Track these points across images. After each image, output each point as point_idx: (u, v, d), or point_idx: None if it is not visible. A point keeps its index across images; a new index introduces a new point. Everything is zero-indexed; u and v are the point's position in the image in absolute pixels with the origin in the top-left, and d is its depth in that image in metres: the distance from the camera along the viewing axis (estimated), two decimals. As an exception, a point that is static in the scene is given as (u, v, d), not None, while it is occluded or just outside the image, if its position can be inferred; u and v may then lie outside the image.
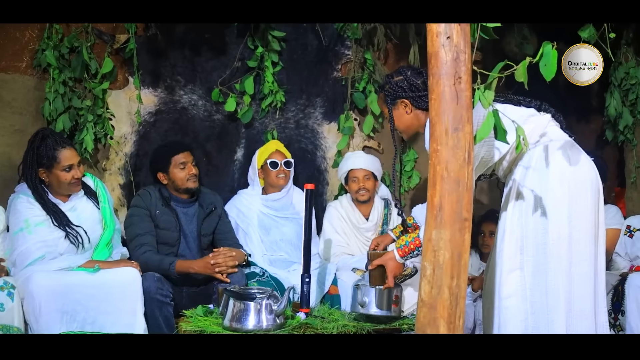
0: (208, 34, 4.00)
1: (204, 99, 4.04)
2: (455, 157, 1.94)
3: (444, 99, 1.94)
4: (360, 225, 3.87)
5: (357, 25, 4.04)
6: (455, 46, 1.94)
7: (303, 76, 4.20)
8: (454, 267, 1.94)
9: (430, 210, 1.97)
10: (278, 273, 3.59)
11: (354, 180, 3.83)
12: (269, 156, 3.86)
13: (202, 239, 3.52)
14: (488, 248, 3.95)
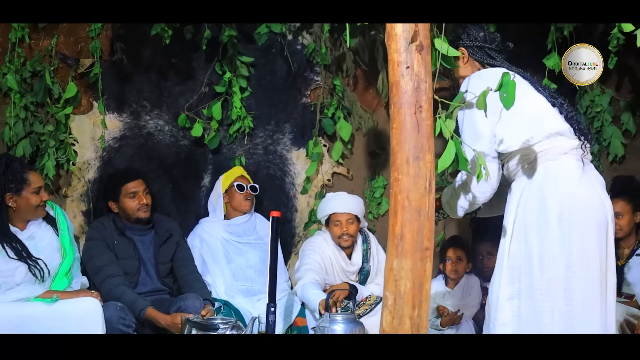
0: (175, 58, 4.01)
1: (170, 124, 4.04)
2: (417, 186, 1.97)
3: (405, 128, 1.97)
4: (347, 268, 3.80)
5: (326, 51, 4.08)
6: (416, 75, 1.98)
7: (272, 102, 4.22)
8: (415, 296, 1.96)
9: (391, 239, 1.99)
10: (243, 302, 3.56)
11: (336, 224, 3.73)
12: (235, 180, 3.87)
13: (160, 267, 3.50)
14: (456, 274, 3.96)
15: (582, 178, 2.38)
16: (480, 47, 2.64)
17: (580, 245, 2.29)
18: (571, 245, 2.29)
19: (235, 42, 4.02)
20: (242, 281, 3.78)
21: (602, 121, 4.12)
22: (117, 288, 3.22)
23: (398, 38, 1.99)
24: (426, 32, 2.00)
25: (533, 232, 2.34)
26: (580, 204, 2.32)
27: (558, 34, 3.62)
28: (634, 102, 4.08)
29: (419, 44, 1.97)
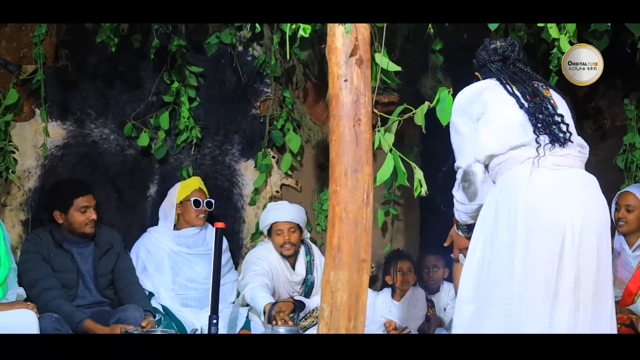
0: (122, 66, 3.97)
1: (116, 133, 3.98)
2: (354, 198, 1.99)
3: (344, 140, 2.00)
4: (291, 279, 3.81)
5: (276, 63, 4.10)
6: (356, 89, 2.01)
7: (221, 112, 4.20)
8: (352, 308, 1.97)
9: (328, 251, 2.01)
10: (187, 314, 3.52)
11: (278, 233, 3.74)
12: (191, 193, 3.82)
13: (100, 280, 3.43)
14: (407, 285, 3.98)
15: (535, 185, 2.38)
16: (484, 65, 2.70)
17: (524, 250, 2.32)
18: (514, 252, 2.32)
19: (184, 51, 4.01)
20: (187, 292, 3.73)
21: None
22: (54, 301, 3.15)
23: (338, 51, 2.02)
24: (366, 46, 2.04)
25: (487, 240, 2.42)
26: (528, 211, 2.34)
27: (502, 52, 3.70)
28: (575, 120, 4.19)
29: (359, 57, 2.01)
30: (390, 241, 4.35)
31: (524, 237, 2.32)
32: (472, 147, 2.49)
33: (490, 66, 2.66)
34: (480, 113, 2.49)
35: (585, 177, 2.45)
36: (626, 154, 3.87)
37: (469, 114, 2.50)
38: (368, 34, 2.05)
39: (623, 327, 3.27)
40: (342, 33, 1.99)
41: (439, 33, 3.99)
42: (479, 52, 2.73)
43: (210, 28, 4.13)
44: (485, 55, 2.69)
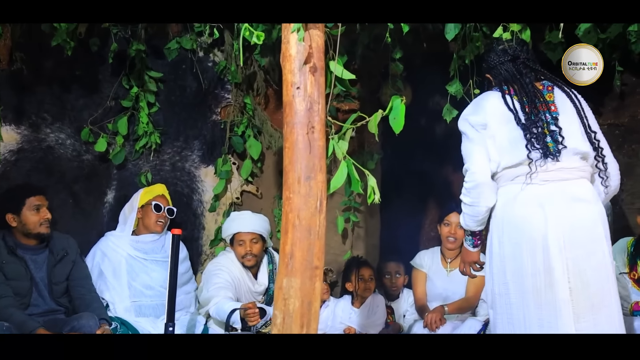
0: (80, 70, 3.91)
1: (72, 138, 3.93)
2: (307, 205, 1.99)
3: (297, 147, 2.00)
4: (254, 289, 3.80)
5: (236, 69, 4.09)
6: (309, 96, 2.02)
7: (181, 118, 4.18)
8: (304, 315, 1.97)
9: (281, 258, 2.00)
10: (143, 322, 3.47)
11: (240, 243, 3.72)
12: (153, 198, 3.78)
13: (54, 287, 3.36)
14: (369, 292, 3.99)
15: (521, 200, 2.51)
16: (494, 66, 2.75)
17: (513, 264, 2.50)
18: (505, 265, 2.52)
19: (143, 56, 3.97)
20: (143, 300, 3.68)
21: (501, 146, 4.28)
22: (5, 310, 3.08)
23: (292, 59, 2.02)
24: (320, 54, 2.04)
25: (488, 253, 2.63)
26: (513, 227, 2.51)
27: (460, 62, 3.76)
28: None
29: (313, 65, 2.01)
30: (351, 248, 4.35)
31: (510, 251, 2.50)
32: (479, 150, 2.62)
33: (500, 67, 2.73)
34: (482, 125, 2.62)
35: (576, 190, 2.51)
36: (580, 163, 3.93)
37: (473, 125, 2.66)
38: (322, 42, 2.05)
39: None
40: (296, 40, 1.99)
41: (399, 42, 4.03)
42: (489, 55, 2.81)
43: (171, 33, 4.11)
44: (494, 57, 2.77)
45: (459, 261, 4.04)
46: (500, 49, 2.76)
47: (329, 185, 2.07)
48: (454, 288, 4.02)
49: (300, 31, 1.95)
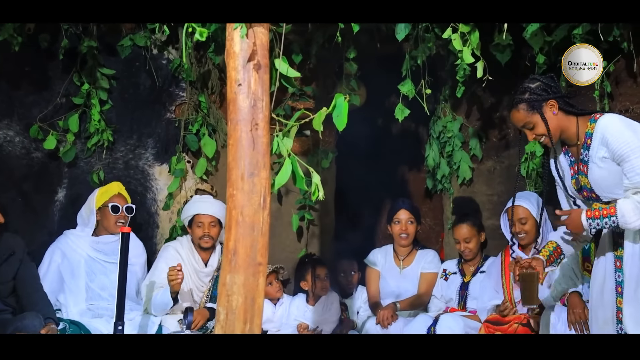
0: (29, 67, 3.84)
1: (21, 135, 3.86)
2: (251, 202, 1.98)
3: (241, 144, 1.99)
4: (200, 269, 3.80)
5: (191, 67, 4.06)
6: (253, 94, 2.01)
7: (134, 116, 4.14)
8: (247, 311, 1.96)
9: (225, 254, 1.99)
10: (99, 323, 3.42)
11: (199, 225, 3.75)
12: (110, 199, 3.71)
13: (0, 287, 3.27)
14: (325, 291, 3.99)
15: None
16: (562, 96, 2.72)
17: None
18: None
19: (95, 53, 3.92)
20: (99, 302, 3.61)
21: (453, 146, 4.34)
22: None
23: (236, 56, 2.01)
24: (264, 51, 2.04)
25: None
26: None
27: (412, 62, 3.80)
28: (481, 129, 4.35)
29: (257, 62, 2.01)
30: (306, 246, 4.36)
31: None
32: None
33: (567, 101, 2.74)
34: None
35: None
36: (527, 162, 4.01)
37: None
38: (267, 40, 2.05)
39: (520, 327, 3.39)
40: (240, 38, 1.98)
41: (352, 42, 4.06)
42: (554, 83, 2.74)
43: (124, 30, 4.06)
44: (558, 87, 2.76)
45: (412, 259, 4.12)
46: (552, 84, 2.73)
47: (274, 182, 2.07)
48: (406, 285, 4.07)
49: (243, 28, 1.94)
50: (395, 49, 3.90)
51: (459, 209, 4.00)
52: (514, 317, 3.48)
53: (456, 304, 3.88)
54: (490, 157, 4.31)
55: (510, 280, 3.66)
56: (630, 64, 3.51)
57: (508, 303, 3.58)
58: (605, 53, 3.56)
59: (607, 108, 3.63)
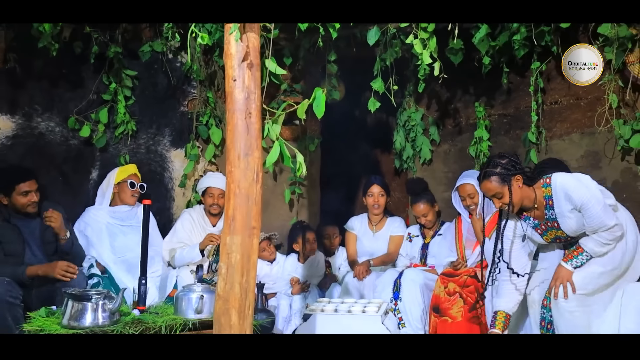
0: (65, 69, 3.78)
1: (61, 125, 3.78)
2: (246, 177, 1.98)
3: (237, 130, 1.98)
4: (207, 229, 3.83)
5: (200, 68, 4.02)
6: (247, 88, 1.99)
7: (154, 109, 4.08)
8: (244, 266, 1.97)
9: (225, 220, 1.99)
10: (123, 276, 3.42)
11: (210, 195, 3.82)
12: (127, 177, 3.70)
13: (46, 247, 3.24)
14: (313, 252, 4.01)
15: None
16: (524, 172, 2.71)
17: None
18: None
19: (120, 57, 3.86)
20: (128, 253, 3.57)
21: (416, 132, 4.35)
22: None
23: (232, 57, 1.99)
24: (256, 52, 2.02)
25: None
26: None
27: (382, 63, 3.78)
28: (438, 118, 4.35)
29: (250, 62, 1.99)
30: (297, 215, 4.37)
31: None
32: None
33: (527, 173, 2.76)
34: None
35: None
36: (476, 145, 4.02)
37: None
38: (258, 43, 2.03)
39: (469, 279, 3.41)
40: (235, 41, 1.96)
41: (333, 47, 4.03)
42: (517, 160, 2.74)
43: (144, 38, 4.00)
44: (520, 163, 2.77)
45: (383, 224, 4.12)
46: (517, 161, 2.74)
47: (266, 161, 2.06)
48: (378, 246, 4.08)
49: (237, 32, 1.92)
50: (368, 53, 3.88)
51: (411, 189, 3.99)
52: (464, 270, 3.51)
53: (418, 261, 3.90)
54: (446, 141, 4.33)
55: (463, 241, 3.70)
56: (558, 64, 3.50)
57: (460, 259, 3.62)
58: (538, 55, 3.58)
59: (540, 101, 3.64)
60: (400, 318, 3.47)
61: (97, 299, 2.66)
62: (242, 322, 1.93)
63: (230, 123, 1.97)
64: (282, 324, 3.70)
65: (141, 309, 2.92)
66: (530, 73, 3.63)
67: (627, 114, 3.11)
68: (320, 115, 2.05)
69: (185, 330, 2.66)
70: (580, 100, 3.45)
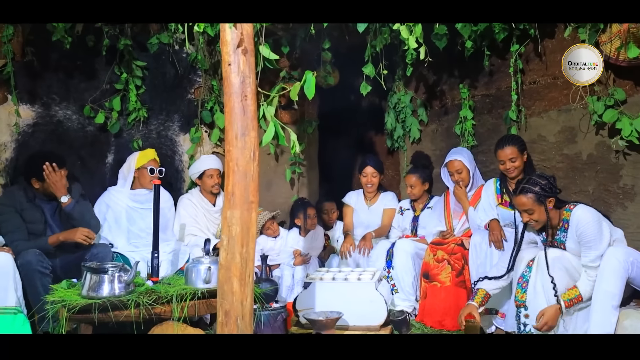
0: (79, 61, 3.73)
1: (77, 114, 3.75)
2: (243, 155, 1.95)
3: (234, 112, 1.95)
4: (209, 209, 3.81)
5: (203, 58, 3.96)
6: (242, 72, 1.96)
7: (163, 97, 4.03)
8: (244, 238, 1.95)
9: (225, 195, 1.97)
10: (136, 255, 3.41)
11: (209, 176, 3.75)
12: (147, 162, 3.64)
13: (65, 225, 3.23)
14: (313, 226, 3.98)
15: None
16: (557, 196, 2.71)
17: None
18: None
19: (130, 49, 3.80)
20: (140, 240, 3.55)
21: (405, 114, 4.29)
22: (22, 244, 3.00)
23: (228, 44, 1.95)
24: (250, 39, 1.97)
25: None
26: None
27: (372, 50, 3.72)
28: (426, 100, 4.29)
29: (244, 48, 1.95)
30: (297, 192, 4.36)
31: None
32: None
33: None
34: None
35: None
36: (461, 124, 3.97)
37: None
38: (251, 31, 1.98)
39: (456, 247, 3.40)
40: (230, 29, 1.92)
41: (327, 35, 3.97)
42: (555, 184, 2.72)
43: (152, 31, 3.94)
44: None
45: (377, 199, 4.10)
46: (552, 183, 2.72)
47: (261, 140, 2.04)
48: (373, 218, 4.07)
49: (231, 21, 1.88)
50: (359, 40, 3.82)
51: (414, 160, 3.99)
52: (451, 239, 3.50)
53: (409, 232, 3.89)
54: (433, 121, 4.28)
55: (450, 212, 3.69)
56: (536, 47, 3.44)
57: (449, 229, 3.61)
58: (517, 38, 3.51)
59: (520, 81, 3.58)
60: (394, 285, 3.48)
61: (113, 271, 2.67)
62: (243, 289, 1.93)
63: (228, 105, 1.94)
64: (285, 292, 3.71)
65: (154, 280, 2.92)
66: (510, 55, 3.56)
67: (600, 91, 3.05)
68: (311, 96, 2.01)
69: (195, 299, 2.67)
70: (556, 80, 3.39)
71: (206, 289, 2.72)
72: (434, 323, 3.23)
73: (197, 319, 2.98)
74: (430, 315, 3.27)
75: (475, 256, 3.27)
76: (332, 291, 2.99)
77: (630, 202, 3.05)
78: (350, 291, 2.97)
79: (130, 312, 2.51)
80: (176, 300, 2.62)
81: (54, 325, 2.56)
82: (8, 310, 2.66)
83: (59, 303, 2.56)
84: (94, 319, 2.51)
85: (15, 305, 2.70)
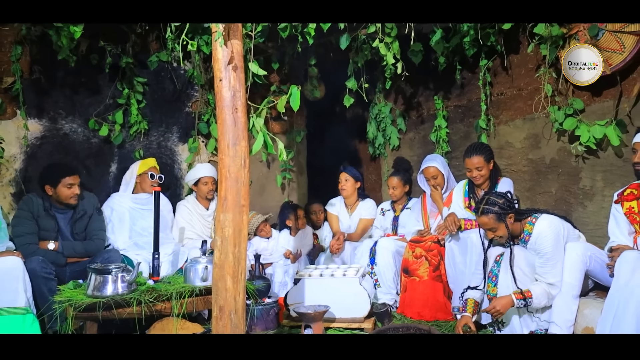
0: (84, 78, 3.71)
1: (82, 127, 3.73)
2: (235, 163, 1.95)
3: (226, 123, 1.95)
4: (202, 213, 3.79)
5: (200, 74, 3.96)
6: (232, 87, 1.96)
7: (162, 110, 4.02)
8: (236, 238, 1.95)
9: (219, 200, 1.97)
10: (141, 253, 3.39)
11: (204, 184, 3.72)
12: (148, 169, 3.64)
13: (76, 236, 3.21)
14: (304, 226, 3.99)
15: None
16: (516, 210, 2.66)
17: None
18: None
19: (131, 67, 3.79)
20: (141, 239, 3.54)
21: (386, 123, 4.32)
22: (32, 247, 2.97)
23: (219, 61, 1.95)
24: (239, 57, 1.98)
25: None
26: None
27: (355, 65, 3.75)
28: (404, 110, 4.32)
29: (234, 65, 1.95)
30: (288, 196, 4.36)
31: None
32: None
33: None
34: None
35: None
36: (436, 132, 4.01)
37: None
38: (241, 49, 1.99)
39: (432, 244, 3.41)
40: (221, 47, 1.92)
41: (313, 53, 3.99)
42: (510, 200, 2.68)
43: (151, 49, 3.93)
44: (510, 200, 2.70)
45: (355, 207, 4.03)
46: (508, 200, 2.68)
47: (251, 148, 2.04)
48: (352, 224, 4.04)
49: (221, 39, 1.88)
50: (342, 57, 3.84)
51: (396, 165, 4.01)
52: (428, 237, 3.51)
53: (390, 231, 3.90)
54: (411, 130, 4.31)
55: (427, 213, 3.70)
56: (503, 62, 3.49)
57: (426, 228, 3.63)
58: (485, 54, 3.56)
59: (489, 93, 3.63)
60: (376, 280, 3.48)
61: (116, 272, 2.66)
62: (236, 286, 1.92)
63: (220, 117, 1.94)
64: (277, 288, 3.70)
65: (155, 279, 2.91)
66: (479, 69, 3.61)
67: (560, 101, 3.10)
68: (297, 108, 2.02)
69: (193, 296, 2.66)
70: (521, 91, 3.44)
71: (203, 287, 2.72)
72: (414, 314, 3.24)
73: (195, 315, 2.96)
74: (410, 307, 3.28)
75: (452, 256, 3.28)
76: (319, 286, 2.99)
77: (589, 202, 3.09)
78: (336, 286, 2.98)
79: (133, 310, 2.49)
80: (175, 297, 2.62)
81: (62, 324, 2.53)
82: (18, 310, 2.63)
83: (66, 302, 2.54)
84: (98, 317, 2.49)
85: (25, 305, 2.66)
